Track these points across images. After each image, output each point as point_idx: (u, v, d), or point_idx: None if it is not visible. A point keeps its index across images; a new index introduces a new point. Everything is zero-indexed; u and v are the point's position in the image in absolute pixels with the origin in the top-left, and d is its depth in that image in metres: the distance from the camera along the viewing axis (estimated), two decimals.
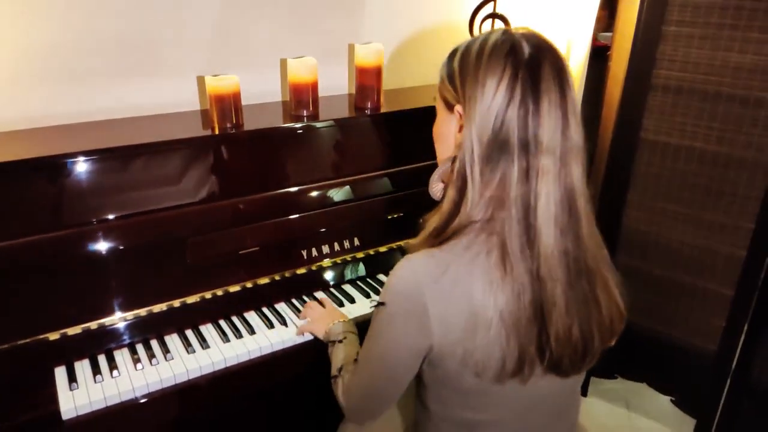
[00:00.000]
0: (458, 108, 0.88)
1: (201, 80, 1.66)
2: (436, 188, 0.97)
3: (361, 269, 1.59)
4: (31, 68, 1.47)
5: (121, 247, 1.30)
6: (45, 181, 1.28)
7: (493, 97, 0.82)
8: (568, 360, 0.87)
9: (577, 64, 2.02)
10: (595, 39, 3.44)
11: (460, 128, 0.88)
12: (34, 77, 1.48)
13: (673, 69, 1.79)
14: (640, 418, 2.17)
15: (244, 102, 1.53)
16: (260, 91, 1.74)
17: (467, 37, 1.94)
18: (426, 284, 0.85)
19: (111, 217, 1.33)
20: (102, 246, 1.29)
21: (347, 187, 1.58)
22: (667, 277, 1.99)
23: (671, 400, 2.17)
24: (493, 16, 1.88)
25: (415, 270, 0.86)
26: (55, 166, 1.29)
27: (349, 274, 1.58)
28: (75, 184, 1.31)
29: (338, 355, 1.14)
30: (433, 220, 0.91)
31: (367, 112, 1.70)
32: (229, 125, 1.49)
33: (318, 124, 1.59)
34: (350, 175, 1.60)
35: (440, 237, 0.88)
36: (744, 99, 1.70)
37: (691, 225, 1.90)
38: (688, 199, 1.88)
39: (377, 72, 1.67)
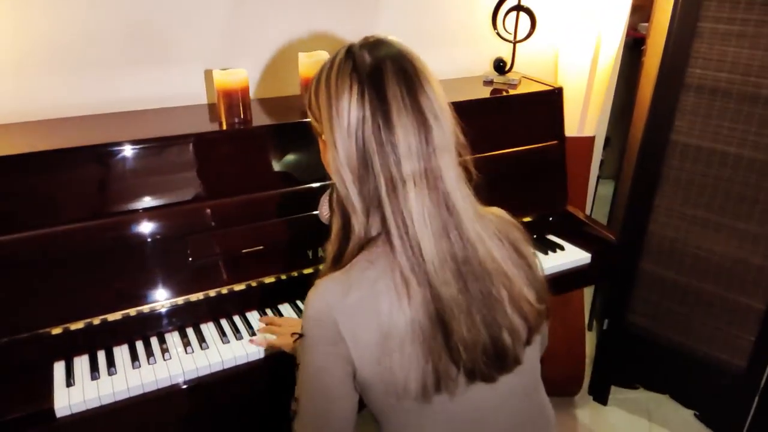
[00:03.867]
0: (323, 137, 0.87)
1: (209, 74, 1.63)
2: (324, 212, 0.98)
3: None
4: (36, 59, 1.46)
5: (125, 244, 1.30)
6: (43, 176, 1.28)
7: (348, 120, 0.81)
8: (483, 365, 0.85)
9: (608, 58, 1.92)
10: (635, 29, 3.32)
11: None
12: (40, 68, 1.47)
13: (709, 68, 1.68)
14: (661, 431, 2.09)
15: (253, 96, 1.50)
16: (271, 86, 1.70)
17: (490, 31, 1.89)
18: (333, 305, 0.84)
19: (114, 212, 1.32)
20: (106, 242, 1.28)
21: None
22: (695, 287, 1.90)
23: (695, 415, 2.08)
24: (518, 8, 1.80)
25: (322, 292, 0.86)
26: (52, 161, 1.28)
27: None
28: (77, 178, 1.30)
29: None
30: (328, 248, 0.92)
31: None
32: (236, 120, 1.46)
33: None
34: None
35: (342, 260, 0.88)
36: None
37: (723, 234, 1.80)
38: (720, 207, 1.78)
39: None
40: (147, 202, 1.35)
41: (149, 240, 1.32)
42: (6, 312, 1.20)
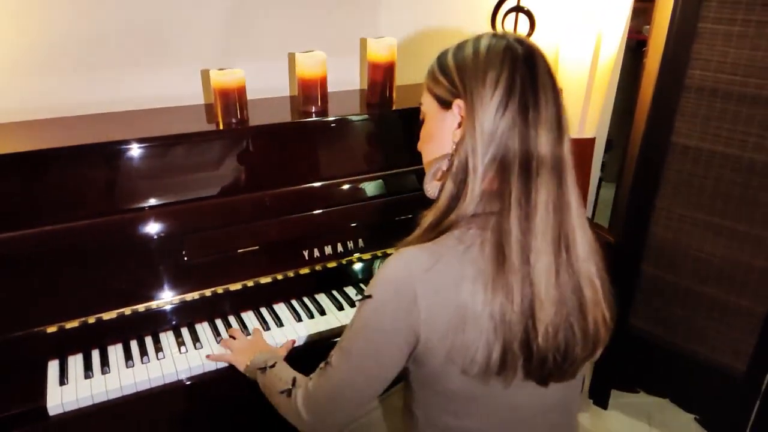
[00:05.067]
0: (458, 102, 0.87)
1: (206, 74, 1.63)
2: (431, 187, 0.94)
3: (367, 272, 1.54)
4: (33, 59, 1.47)
5: (120, 243, 1.30)
6: (36, 175, 1.28)
7: (495, 91, 0.82)
8: (551, 360, 0.85)
9: (607, 59, 1.90)
10: (639, 32, 3.30)
11: (459, 124, 0.87)
12: (36, 68, 1.48)
13: (709, 69, 1.67)
14: None
15: (251, 96, 1.50)
16: (268, 86, 1.70)
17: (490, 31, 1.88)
18: (417, 274, 0.83)
19: (109, 211, 1.32)
20: (101, 241, 1.28)
21: (355, 186, 1.54)
22: (696, 290, 1.88)
23: (695, 419, 2.06)
24: (517, 9, 1.79)
25: (407, 261, 0.85)
26: (44, 161, 1.28)
27: (352, 276, 1.53)
28: (71, 178, 1.30)
29: (282, 373, 1.08)
30: (428, 216, 0.90)
31: (379, 109, 1.64)
32: (233, 120, 1.46)
33: (326, 121, 1.54)
34: (358, 174, 1.56)
35: (435, 231, 0.87)
36: None
37: (724, 236, 1.78)
38: (721, 209, 1.76)
39: (390, 67, 1.62)
40: (142, 201, 1.36)
41: (145, 239, 1.32)
42: (0, 310, 1.20)
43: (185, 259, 1.35)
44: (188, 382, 1.24)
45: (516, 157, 0.82)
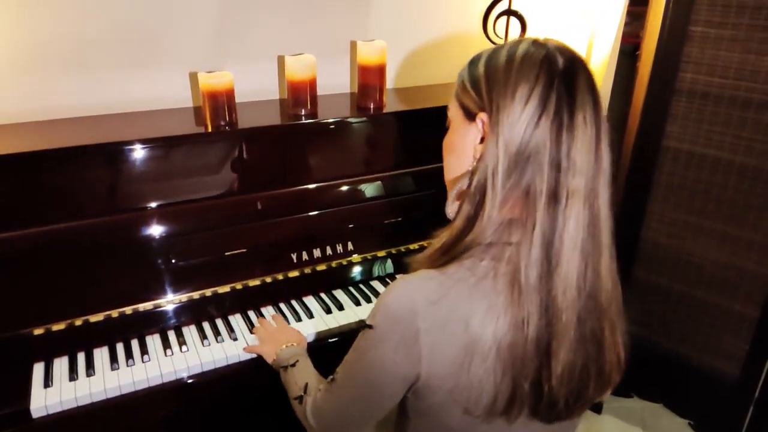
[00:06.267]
0: (482, 116, 0.80)
1: (194, 76, 1.63)
2: (452, 210, 0.87)
3: (356, 275, 1.54)
4: (22, 62, 1.46)
5: (108, 245, 1.30)
6: (24, 176, 1.28)
7: (525, 106, 0.75)
8: (563, 401, 0.80)
9: (599, 62, 1.90)
10: (636, 36, 3.30)
11: (482, 139, 0.80)
12: (25, 71, 1.47)
13: (700, 73, 1.67)
14: None
15: (240, 99, 1.50)
16: (258, 89, 1.70)
17: (481, 36, 1.88)
18: (421, 308, 0.77)
19: (97, 213, 1.32)
20: (89, 243, 1.28)
21: (344, 189, 1.53)
22: (688, 294, 1.88)
23: (689, 424, 2.05)
24: (509, 13, 1.79)
25: (412, 292, 0.79)
26: (31, 163, 1.28)
27: (341, 279, 1.53)
28: (58, 180, 1.30)
29: (298, 377, 1.08)
30: (442, 236, 0.84)
31: (369, 111, 1.64)
32: (222, 123, 1.46)
33: (315, 123, 1.54)
34: (347, 177, 1.55)
35: (448, 254, 0.82)
36: None
37: (715, 240, 1.78)
38: (713, 213, 1.76)
39: (380, 70, 1.61)
40: (129, 203, 1.35)
41: (132, 241, 1.32)
42: None
43: (173, 261, 1.34)
44: (173, 385, 1.23)
45: (544, 184, 0.74)
